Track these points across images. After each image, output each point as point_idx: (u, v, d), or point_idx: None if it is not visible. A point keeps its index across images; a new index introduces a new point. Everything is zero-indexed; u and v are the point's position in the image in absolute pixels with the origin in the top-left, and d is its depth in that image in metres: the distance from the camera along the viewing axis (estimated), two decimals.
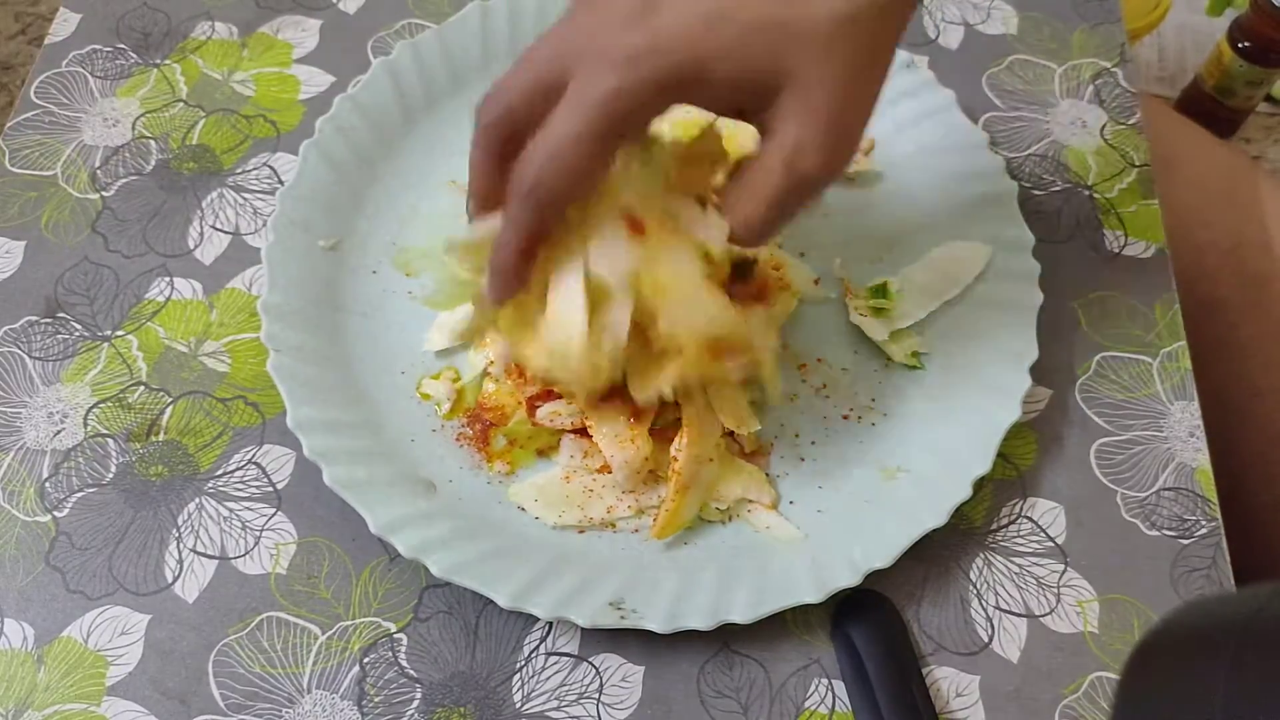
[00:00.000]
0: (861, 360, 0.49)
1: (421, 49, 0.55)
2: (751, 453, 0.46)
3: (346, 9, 0.61)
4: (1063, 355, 0.50)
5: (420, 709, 0.42)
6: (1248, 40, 1.23)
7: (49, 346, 0.50)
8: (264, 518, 0.46)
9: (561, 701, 0.42)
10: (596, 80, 0.33)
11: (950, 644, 0.44)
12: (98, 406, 0.48)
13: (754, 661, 0.43)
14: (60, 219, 0.53)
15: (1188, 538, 0.46)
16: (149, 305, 0.51)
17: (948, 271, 0.50)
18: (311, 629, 0.44)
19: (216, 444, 0.48)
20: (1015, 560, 0.46)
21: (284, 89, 0.58)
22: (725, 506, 0.45)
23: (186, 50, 0.59)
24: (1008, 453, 0.47)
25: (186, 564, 0.45)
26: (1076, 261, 0.53)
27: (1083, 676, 0.43)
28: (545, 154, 0.34)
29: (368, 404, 0.47)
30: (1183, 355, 0.50)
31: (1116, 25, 0.61)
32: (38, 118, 0.57)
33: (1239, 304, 0.61)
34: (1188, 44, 1.46)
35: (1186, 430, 0.49)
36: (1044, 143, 0.57)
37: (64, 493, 0.46)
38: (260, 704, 0.42)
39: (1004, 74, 0.59)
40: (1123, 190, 0.55)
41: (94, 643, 0.43)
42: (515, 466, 0.46)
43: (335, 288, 0.50)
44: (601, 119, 0.34)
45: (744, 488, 0.45)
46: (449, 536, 0.43)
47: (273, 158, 0.56)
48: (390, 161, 0.53)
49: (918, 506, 0.44)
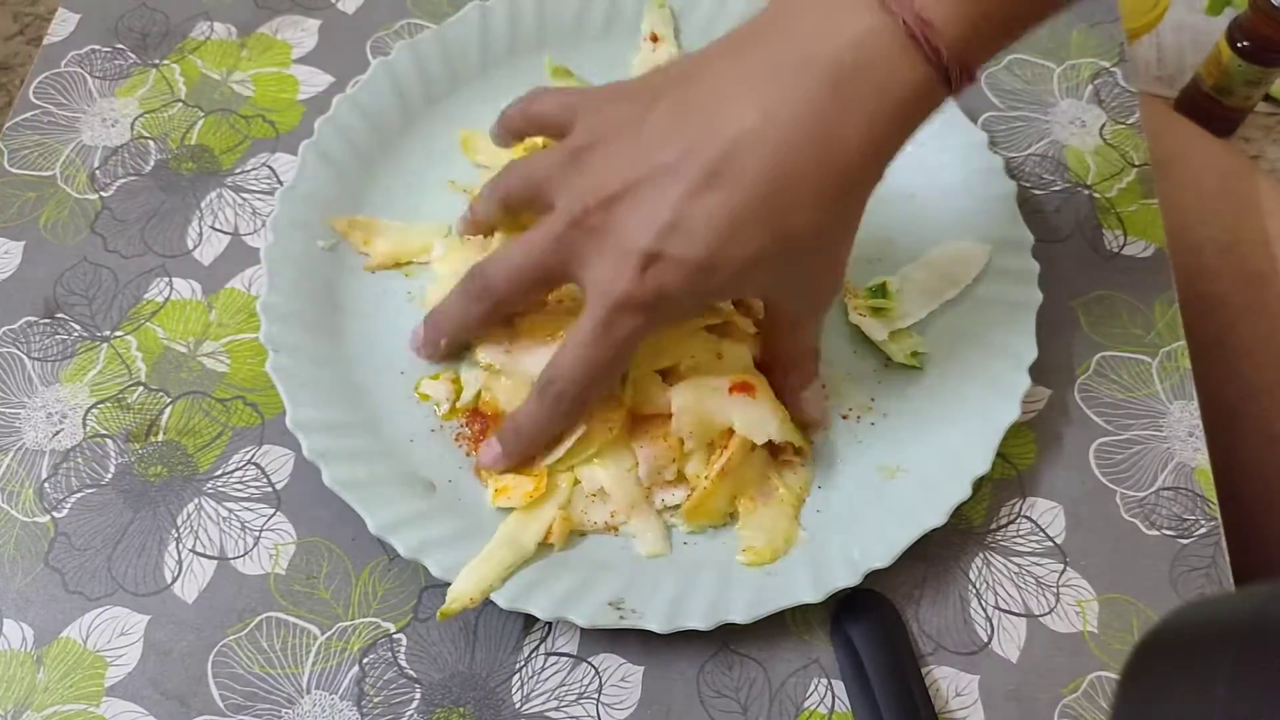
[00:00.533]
0: (861, 360, 0.49)
1: (420, 49, 0.55)
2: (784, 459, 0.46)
3: (345, 9, 0.61)
4: (1062, 355, 0.50)
5: (420, 709, 0.42)
6: (1246, 40, 1.23)
7: (48, 347, 0.50)
8: (263, 518, 0.46)
9: (561, 702, 0.42)
10: (621, 324, 0.39)
11: (949, 644, 0.44)
12: (97, 407, 0.48)
13: (753, 661, 0.43)
14: (59, 219, 0.53)
15: (1187, 537, 0.46)
16: (148, 305, 0.51)
17: (947, 271, 0.50)
18: (311, 629, 0.43)
19: (216, 444, 0.48)
20: (1014, 560, 0.46)
21: (283, 89, 0.58)
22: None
23: (185, 50, 0.59)
24: (1007, 452, 0.47)
25: (186, 564, 0.45)
26: (1076, 261, 0.53)
27: (1082, 676, 0.43)
28: (577, 375, 0.41)
29: (367, 404, 0.47)
30: (1182, 355, 0.50)
31: (1115, 24, 0.61)
32: (36, 118, 0.57)
33: (1237, 303, 0.61)
34: (1186, 43, 1.46)
35: (1186, 430, 0.49)
36: (1043, 142, 0.57)
37: (63, 493, 0.46)
38: (259, 704, 0.42)
39: (1003, 73, 0.59)
40: (1122, 190, 0.55)
41: (93, 643, 0.43)
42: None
43: (334, 288, 0.50)
44: (626, 348, 0.40)
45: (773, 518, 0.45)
46: (448, 537, 0.43)
47: (272, 158, 0.55)
48: (389, 162, 0.53)
49: (917, 506, 0.44)
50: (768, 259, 0.39)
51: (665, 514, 0.45)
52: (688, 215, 0.38)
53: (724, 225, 0.38)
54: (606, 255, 0.39)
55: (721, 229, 0.38)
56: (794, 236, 0.39)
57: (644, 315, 0.39)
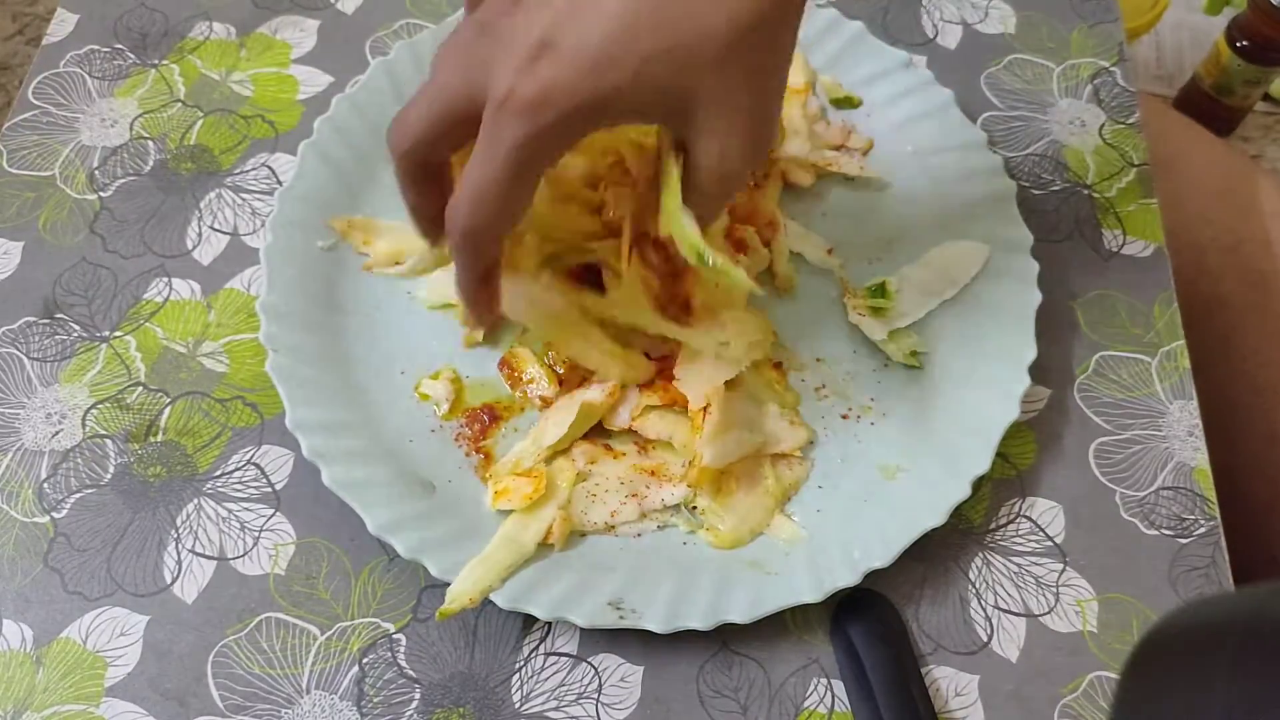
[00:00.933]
0: (860, 360, 0.49)
1: (419, 49, 0.55)
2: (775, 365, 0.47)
3: (344, 9, 0.61)
4: (1061, 354, 0.50)
5: (419, 709, 0.42)
6: (1246, 39, 1.23)
7: (47, 347, 0.50)
8: (263, 518, 0.46)
9: (560, 702, 0.42)
10: (504, 129, 0.34)
11: (949, 643, 0.44)
12: (96, 407, 0.48)
13: (753, 661, 0.43)
14: (58, 219, 0.53)
15: (1186, 537, 0.46)
16: (147, 306, 0.51)
17: (946, 271, 0.50)
18: (310, 630, 0.43)
19: (215, 444, 0.47)
20: (1014, 560, 0.46)
21: (282, 89, 0.58)
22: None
23: (184, 50, 0.59)
24: (1006, 452, 0.47)
25: (185, 565, 0.45)
26: (1075, 261, 0.53)
27: (1082, 676, 0.43)
28: (470, 201, 0.36)
29: (366, 404, 0.47)
30: (1181, 354, 0.50)
31: (1115, 24, 0.61)
32: (35, 118, 0.57)
33: (1240, 303, 0.61)
34: (1186, 43, 1.46)
35: (1185, 429, 0.49)
36: (1042, 142, 0.57)
37: (62, 493, 0.46)
38: (259, 705, 0.42)
39: (1002, 73, 0.59)
40: (1121, 189, 0.55)
41: (93, 644, 0.43)
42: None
43: (334, 288, 0.50)
44: (515, 164, 0.35)
45: (774, 423, 0.46)
46: (448, 537, 0.43)
47: (271, 158, 0.55)
48: (388, 162, 0.53)
49: (917, 506, 0.44)
50: (674, 63, 0.34)
51: (666, 514, 0.45)
52: (584, 5, 0.34)
53: (625, 13, 0.34)
54: (500, 56, 0.35)
55: (623, 16, 0.34)
56: (706, 35, 0.34)
57: (530, 120, 0.34)
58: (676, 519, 0.45)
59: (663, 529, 0.45)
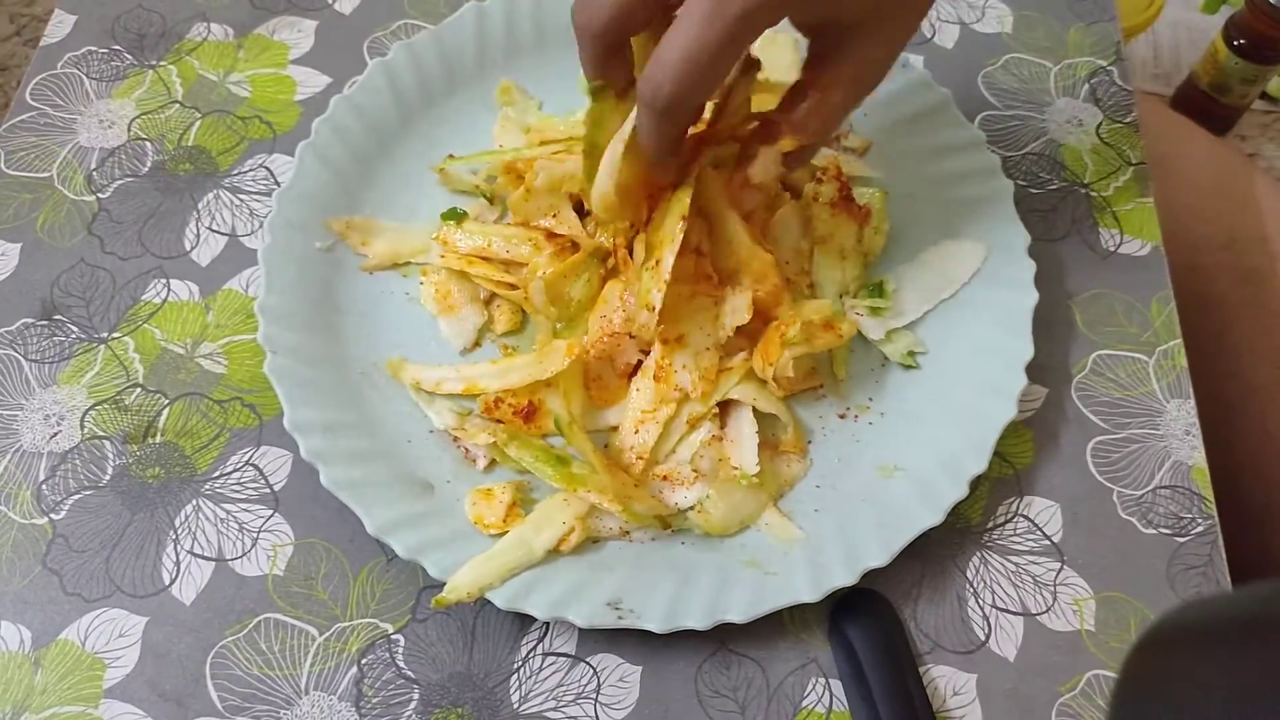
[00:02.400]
0: (858, 359, 0.49)
1: (417, 50, 0.55)
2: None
3: (342, 10, 0.61)
4: (1059, 353, 0.50)
5: (418, 709, 0.42)
6: (1243, 37, 1.23)
7: (45, 349, 0.50)
8: (261, 519, 0.46)
9: (559, 702, 0.42)
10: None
11: (947, 642, 0.44)
12: (94, 408, 0.48)
13: (751, 661, 0.43)
14: (56, 221, 0.53)
15: (1184, 535, 0.46)
16: (145, 307, 0.51)
17: (944, 270, 0.51)
18: (309, 630, 0.44)
19: (213, 446, 0.48)
20: (1012, 559, 0.46)
21: (280, 90, 0.58)
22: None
23: (182, 51, 0.59)
24: (1004, 451, 0.47)
25: (184, 566, 0.45)
26: (1072, 260, 0.53)
27: (1079, 674, 0.43)
28: (681, 66, 0.36)
29: (365, 405, 0.47)
30: (1178, 353, 0.50)
31: (1111, 23, 0.62)
32: (33, 119, 0.57)
33: (1234, 300, 0.61)
34: (1183, 41, 1.46)
35: (1182, 428, 0.49)
36: (1040, 141, 0.57)
37: (61, 495, 0.46)
38: (258, 705, 0.42)
39: (999, 73, 0.60)
40: (1118, 188, 0.55)
41: (91, 645, 0.43)
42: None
43: (332, 289, 0.50)
44: (735, 31, 0.35)
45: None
46: (446, 537, 0.43)
47: (269, 159, 0.55)
48: (386, 162, 0.53)
49: (914, 505, 0.44)
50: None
51: (676, 518, 0.45)
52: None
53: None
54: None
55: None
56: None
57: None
58: (685, 523, 0.45)
59: (662, 529, 0.45)
